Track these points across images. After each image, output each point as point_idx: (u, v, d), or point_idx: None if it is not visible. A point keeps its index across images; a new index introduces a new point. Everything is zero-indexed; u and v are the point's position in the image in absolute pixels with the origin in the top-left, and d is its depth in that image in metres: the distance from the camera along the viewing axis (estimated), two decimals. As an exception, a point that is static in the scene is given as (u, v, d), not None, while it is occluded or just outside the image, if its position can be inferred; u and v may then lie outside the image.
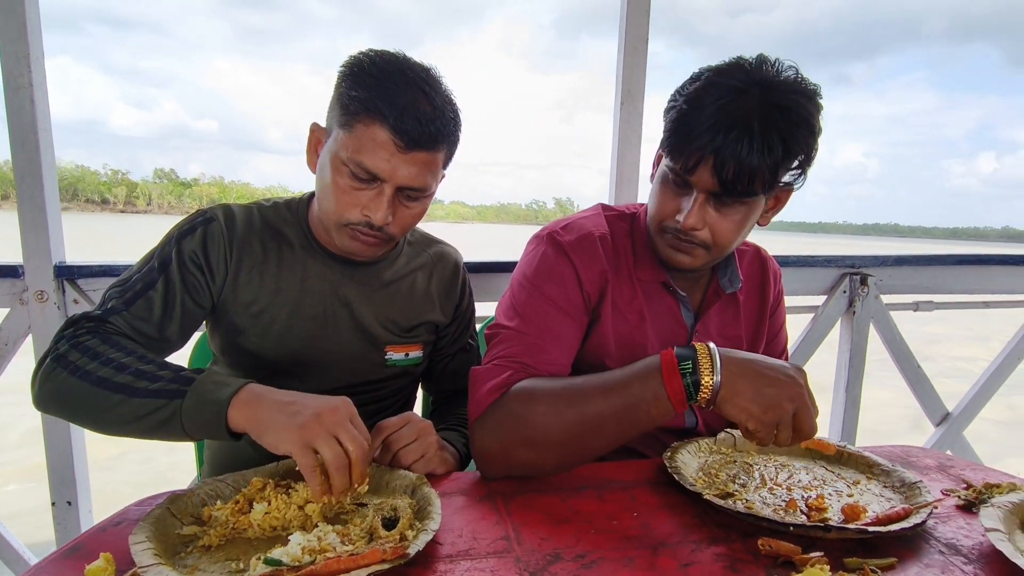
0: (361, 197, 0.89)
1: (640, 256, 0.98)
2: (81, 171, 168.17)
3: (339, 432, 0.69)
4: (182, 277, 0.91)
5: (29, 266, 1.41)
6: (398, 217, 0.92)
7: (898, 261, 1.81)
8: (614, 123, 1.59)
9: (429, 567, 0.61)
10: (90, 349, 0.78)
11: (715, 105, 0.80)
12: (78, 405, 0.76)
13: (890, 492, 0.81)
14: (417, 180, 0.89)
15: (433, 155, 0.89)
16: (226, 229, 0.95)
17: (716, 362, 0.74)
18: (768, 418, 0.73)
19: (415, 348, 1.08)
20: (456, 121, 0.92)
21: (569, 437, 0.79)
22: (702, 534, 0.70)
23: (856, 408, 1.85)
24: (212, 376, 0.74)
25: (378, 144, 0.85)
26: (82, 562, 0.57)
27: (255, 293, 0.96)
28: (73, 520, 1.52)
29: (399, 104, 0.84)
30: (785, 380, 0.74)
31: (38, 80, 1.34)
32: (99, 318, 0.84)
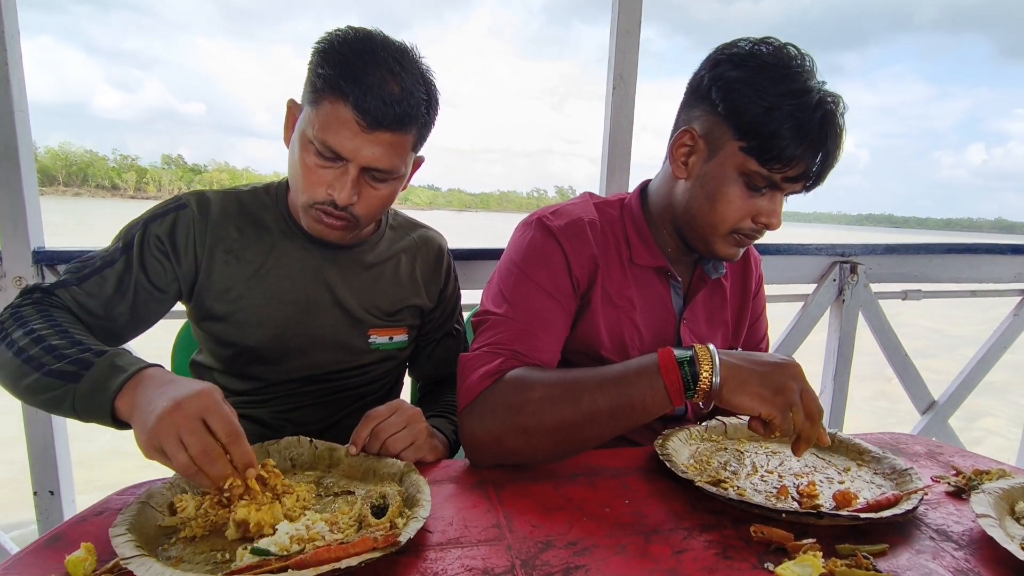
0: (326, 175, 0.88)
1: (635, 243, 0.98)
2: (91, 156, 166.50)
3: (182, 432, 0.62)
4: (142, 259, 0.90)
5: (7, 252, 1.37)
6: (364, 198, 0.90)
7: (888, 250, 1.82)
8: (606, 108, 1.57)
9: (419, 555, 0.60)
10: (22, 318, 0.78)
11: (813, 116, 0.81)
12: (3, 372, 0.76)
13: (881, 479, 0.81)
14: (382, 161, 0.87)
15: (400, 136, 0.87)
16: (198, 215, 0.94)
17: (715, 359, 0.75)
18: (780, 401, 0.73)
19: (399, 332, 1.07)
20: (430, 103, 0.90)
21: (563, 427, 0.78)
22: (694, 521, 0.69)
23: (844, 395, 1.87)
24: (112, 359, 0.71)
25: (341, 123, 0.84)
26: (63, 552, 0.56)
27: (232, 280, 0.95)
28: (56, 509, 1.49)
29: (364, 83, 0.82)
30: (783, 364, 0.76)
31: (13, 59, 1.29)
32: (47, 290, 0.85)
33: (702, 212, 0.90)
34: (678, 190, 0.93)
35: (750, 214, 0.88)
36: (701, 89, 0.89)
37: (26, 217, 1.37)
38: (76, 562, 0.54)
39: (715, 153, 0.88)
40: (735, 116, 0.84)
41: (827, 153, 0.84)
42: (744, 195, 0.87)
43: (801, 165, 0.84)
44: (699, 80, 0.90)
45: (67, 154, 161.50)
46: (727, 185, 0.87)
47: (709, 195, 0.89)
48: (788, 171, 0.84)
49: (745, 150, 0.85)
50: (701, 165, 0.90)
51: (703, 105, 0.89)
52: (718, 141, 0.87)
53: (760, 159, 0.84)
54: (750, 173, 0.86)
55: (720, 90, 0.85)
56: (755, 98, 0.82)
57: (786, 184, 0.86)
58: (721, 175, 0.88)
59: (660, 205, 0.98)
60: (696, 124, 0.90)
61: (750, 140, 0.84)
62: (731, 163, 0.86)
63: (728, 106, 0.85)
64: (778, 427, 0.74)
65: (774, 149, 0.82)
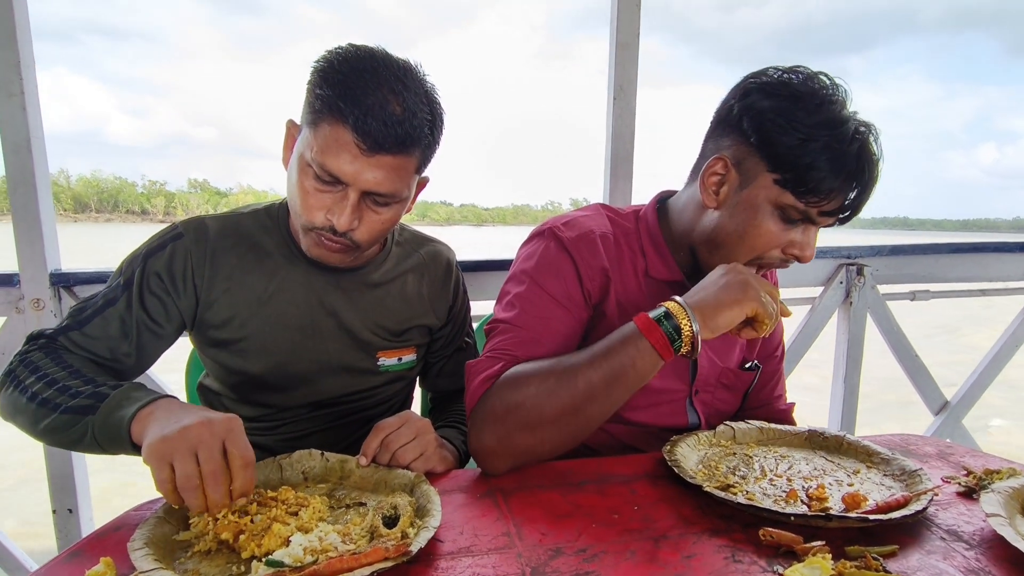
0: (325, 200, 0.85)
1: (651, 256, 0.97)
2: (120, 183, 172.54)
3: (199, 449, 0.63)
4: (141, 298, 0.89)
5: (25, 275, 1.41)
6: (365, 223, 0.87)
7: (894, 251, 1.81)
8: (607, 119, 1.59)
9: (431, 564, 0.61)
10: (32, 363, 0.80)
11: (850, 148, 0.81)
12: (20, 418, 0.78)
13: (890, 480, 0.81)
14: (383, 185, 0.84)
15: (402, 159, 0.84)
16: (195, 246, 0.92)
17: (686, 307, 0.79)
18: (752, 293, 0.79)
19: (408, 352, 1.06)
20: (434, 123, 0.87)
21: (564, 413, 0.80)
22: (703, 526, 0.70)
23: (855, 398, 1.86)
24: (128, 392, 0.73)
25: (341, 146, 0.81)
26: (82, 567, 0.57)
27: (234, 308, 0.93)
28: (74, 527, 1.51)
29: (365, 104, 0.79)
30: (727, 269, 0.82)
31: (29, 88, 1.33)
32: (51, 336, 0.86)
33: (729, 242, 0.90)
34: (706, 218, 0.92)
35: (780, 246, 0.88)
36: (731, 118, 0.87)
37: (43, 241, 1.40)
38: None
39: (747, 184, 0.87)
40: (768, 147, 0.83)
41: (864, 184, 0.83)
42: (777, 227, 0.87)
43: (839, 198, 0.83)
44: (728, 109, 0.88)
45: (98, 181, 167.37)
46: (760, 217, 0.86)
47: (739, 225, 0.88)
48: (825, 204, 0.83)
49: (780, 183, 0.83)
50: (733, 195, 0.88)
51: (733, 135, 0.88)
52: (751, 172, 0.86)
53: (796, 192, 0.83)
54: (785, 206, 0.85)
55: (752, 120, 0.84)
56: (789, 129, 0.81)
57: (822, 218, 0.86)
58: (754, 206, 0.86)
59: (681, 228, 0.97)
60: (727, 152, 0.88)
61: (785, 172, 0.83)
62: (764, 195, 0.85)
63: (761, 137, 0.83)
64: (764, 316, 0.79)
65: (811, 182, 0.81)
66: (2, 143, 1.35)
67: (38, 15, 1.34)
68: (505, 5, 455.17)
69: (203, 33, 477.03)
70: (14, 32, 1.30)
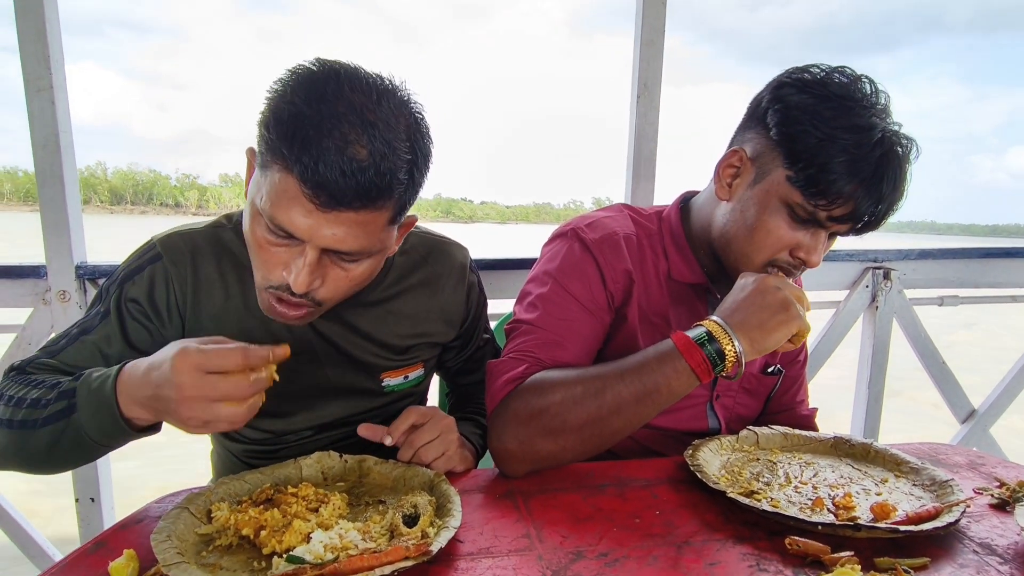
0: (280, 255, 0.72)
1: (673, 258, 0.96)
2: (155, 175, 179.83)
3: (208, 398, 0.61)
4: (122, 325, 0.81)
5: (52, 267, 1.43)
6: (331, 281, 0.74)
7: (922, 255, 1.77)
8: (630, 117, 1.57)
9: (451, 565, 0.60)
10: (2, 395, 0.73)
11: (870, 155, 0.78)
12: (8, 452, 0.71)
13: (920, 491, 0.79)
14: (347, 243, 0.70)
15: (369, 214, 0.69)
16: (175, 269, 0.83)
17: (726, 328, 0.77)
18: (793, 311, 0.78)
19: (414, 369, 0.98)
20: (415, 161, 0.71)
21: (588, 423, 0.79)
22: (727, 533, 0.68)
23: (879, 405, 1.82)
24: (90, 376, 0.67)
25: (291, 199, 0.66)
26: (106, 558, 0.58)
27: (221, 332, 0.77)
28: (96, 516, 1.53)
29: (316, 149, 0.64)
30: (761, 284, 0.80)
31: (58, 82, 1.35)
32: (20, 367, 0.78)
33: (738, 238, 0.88)
34: (719, 211, 0.91)
35: (788, 247, 0.86)
36: (759, 111, 0.86)
37: (70, 233, 1.42)
38: (119, 568, 0.56)
39: (761, 178, 0.85)
40: (787, 143, 0.81)
41: (881, 195, 0.79)
42: (785, 226, 0.84)
43: (849, 205, 0.80)
44: (758, 101, 0.87)
45: (134, 174, 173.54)
46: (768, 214, 0.85)
47: (748, 221, 0.86)
48: (833, 209, 0.81)
49: (792, 180, 0.82)
50: (745, 188, 0.87)
51: (757, 127, 0.86)
52: (767, 166, 0.84)
53: (805, 192, 0.81)
54: (793, 205, 0.83)
55: (776, 114, 0.82)
56: (811, 127, 0.79)
57: (830, 223, 0.83)
58: (763, 202, 0.85)
59: (700, 225, 0.95)
60: (747, 146, 0.87)
61: (798, 170, 0.81)
62: (775, 191, 0.83)
63: (782, 132, 0.82)
64: (806, 329, 0.79)
65: (821, 183, 0.79)
66: (31, 137, 1.37)
67: (67, 8, 1.35)
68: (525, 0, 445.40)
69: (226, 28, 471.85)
70: (44, 27, 1.31)
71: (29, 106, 1.35)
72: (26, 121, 1.37)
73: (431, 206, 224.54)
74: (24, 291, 1.44)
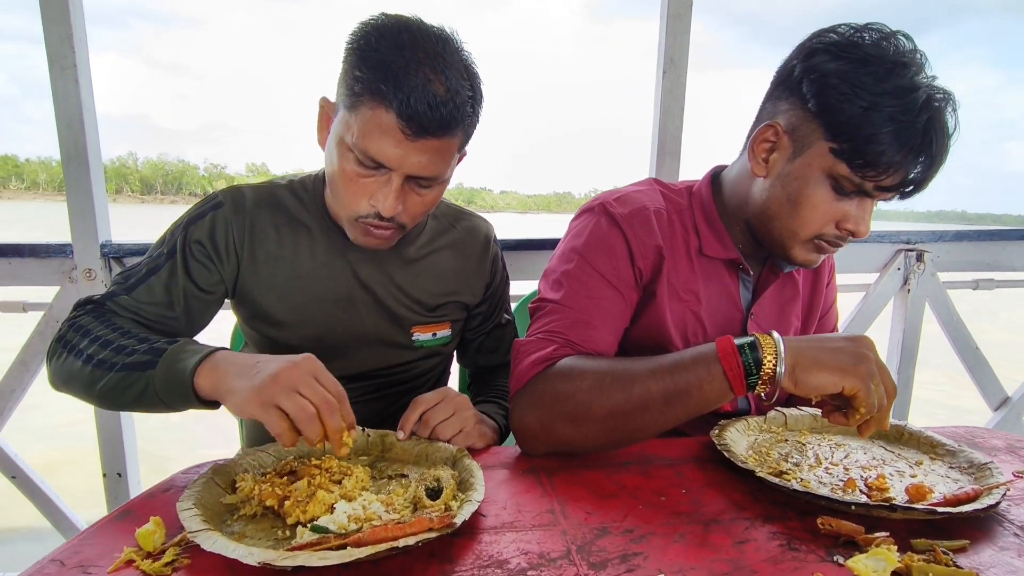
0: (368, 185, 0.83)
1: (704, 233, 0.93)
2: (183, 165, 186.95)
3: (299, 387, 0.65)
4: (185, 265, 0.88)
5: (77, 246, 1.45)
6: (409, 206, 0.86)
7: (957, 236, 1.72)
8: (656, 94, 1.53)
9: (474, 538, 0.60)
10: (83, 327, 0.79)
11: (917, 120, 0.74)
12: (74, 382, 0.77)
13: (956, 473, 0.77)
14: (428, 169, 0.82)
15: (446, 141, 0.81)
16: (235, 215, 0.91)
17: (779, 345, 0.70)
18: (863, 370, 0.68)
19: (443, 327, 1.04)
20: (475, 98, 0.83)
21: (612, 415, 0.76)
22: (756, 511, 0.67)
23: (909, 390, 1.78)
24: (184, 346, 0.73)
25: (384, 131, 0.78)
26: (133, 525, 0.58)
27: (272, 280, 0.94)
28: (123, 491, 1.57)
29: (406, 87, 0.75)
30: (854, 337, 0.72)
31: (82, 60, 1.36)
32: (98, 301, 0.85)
33: (782, 215, 0.84)
34: (755, 188, 0.88)
35: (834, 219, 0.82)
36: (791, 81, 0.82)
37: (94, 213, 1.44)
38: (146, 535, 0.56)
39: (801, 151, 0.81)
40: (828, 114, 0.77)
41: (930, 159, 0.76)
42: (830, 199, 0.81)
43: (899, 173, 0.77)
44: (789, 70, 0.82)
45: (164, 164, 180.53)
46: (812, 187, 0.81)
47: (791, 197, 0.83)
48: (883, 179, 0.77)
49: (836, 152, 0.78)
50: (783, 163, 0.83)
51: (792, 98, 0.82)
52: (806, 139, 0.81)
53: (852, 164, 0.77)
54: (839, 177, 0.79)
55: (813, 84, 0.78)
56: (852, 96, 0.75)
57: (878, 192, 0.80)
58: (806, 176, 0.81)
59: (735, 201, 0.92)
60: (781, 119, 0.83)
61: (843, 142, 0.77)
62: (818, 164, 0.80)
63: (821, 103, 0.78)
64: (863, 402, 0.68)
65: (870, 155, 0.75)
66: (56, 117, 1.39)
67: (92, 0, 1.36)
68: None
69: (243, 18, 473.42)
70: (67, 6, 1.32)
71: (53, 84, 1.36)
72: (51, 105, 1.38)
73: (453, 196, 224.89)
74: (51, 270, 1.47)
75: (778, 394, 0.71)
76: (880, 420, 0.71)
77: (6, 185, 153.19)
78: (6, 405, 1.51)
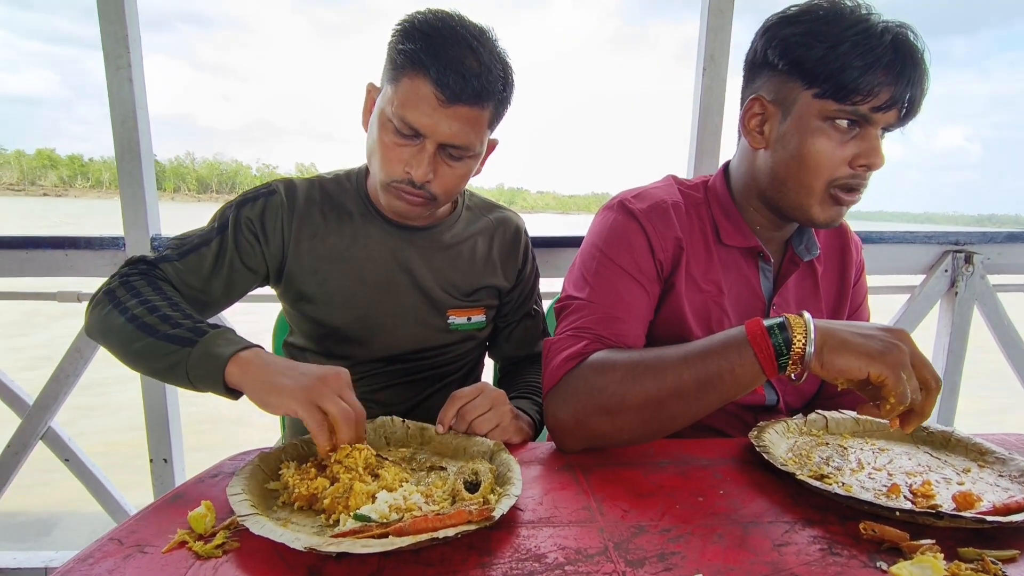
0: (403, 153, 0.89)
1: (722, 223, 0.94)
2: (237, 166, 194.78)
3: (343, 393, 0.71)
4: (235, 239, 0.95)
5: (129, 238, 1.50)
6: (440, 176, 0.92)
7: (1009, 238, 1.65)
8: (695, 91, 1.52)
9: (512, 531, 0.60)
10: (133, 287, 0.84)
11: (881, 40, 0.77)
12: (112, 335, 0.81)
13: (1007, 482, 0.74)
14: (459, 137, 0.88)
15: (477, 112, 0.88)
16: (287, 201, 0.98)
17: (809, 324, 0.70)
18: (891, 359, 0.66)
19: (477, 312, 1.09)
20: (506, 80, 0.91)
21: (646, 405, 0.76)
22: (796, 515, 0.66)
23: (955, 396, 1.72)
24: (225, 333, 0.77)
25: (421, 98, 0.85)
26: (184, 509, 0.61)
27: (317, 262, 0.99)
28: (168, 476, 1.63)
29: (444, 58, 0.84)
30: (888, 328, 0.72)
31: (136, 60, 1.41)
32: (152, 263, 0.91)
33: (792, 173, 0.85)
34: (760, 161, 0.90)
35: (844, 161, 0.83)
36: (757, 58, 0.87)
37: (146, 207, 1.49)
38: (198, 517, 0.58)
39: (789, 110, 0.84)
40: (799, 66, 0.81)
41: (909, 76, 0.78)
42: (833, 141, 0.82)
43: (885, 92, 0.78)
44: (753, 51, 0.88)
45: (219, 164, 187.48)
46: (812, 136, 0.83)
47: (795, 153, 0.84)
48: (872, 100, 0.79)
49: (820, 95, 0.81)
50: (777, 128, 0.86)
51: (763, 71, 0.87)
52: (788, 98, 0.84)
53: (837, 97, 0.79)
54: (833, 114, 0.81)
55: (777, 48, 0.83)
56: (815, 43, 0.79)
57: (876, 115, 0.80)
58: (802, 129, 0.83)
59: (743, 182, 0.94)
60: (762, 91, 0.87)
61: (821, 83, 0.80)
62: (809, 113, 0.82)
63: (789, 60, 0.82)
64: (891, 390, 0.66)
65: (849, 82, 0.78)
66: (111, 114, 1.44)
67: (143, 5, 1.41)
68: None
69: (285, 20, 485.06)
70: (123, 8, 1.37)
71: (109, 83, 1.41)
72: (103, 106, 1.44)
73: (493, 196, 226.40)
74: (104, 261, 1.53)
75: (806, 376, 0.70)
76: (922, 413, 0.69)
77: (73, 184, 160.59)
78: (61, 390, 1.58)
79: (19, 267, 1.52)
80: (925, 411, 0.69)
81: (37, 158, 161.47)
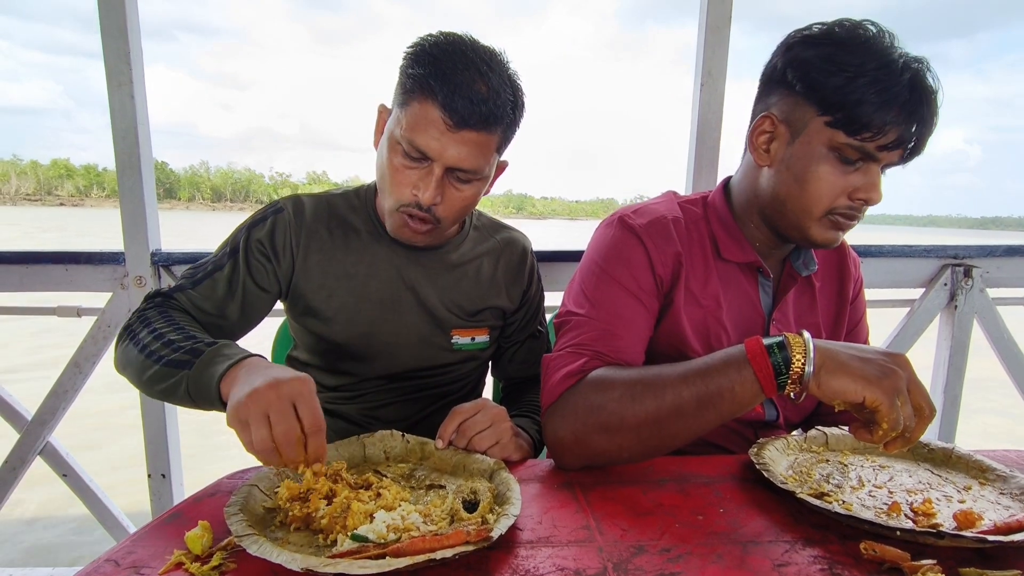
0: (411, 176, 0.90)
1: (721, 238, 0.94)
2: (250, 174, 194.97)
3: (271, 411, 0.64)
4: (247, 262, 0.96)
5: (129, 253, 1.51)
6: (447, 199, 0.92)
7: (1008, 251, 1.65)
8: (693, 106, 1.53)
9: (511, 551, 0.60)
10: (147, 319, 0.86)
11: (900, 79, 0.77)
12: (130, 368, 0.83)
13: (1008, 499, 0.74)
14: (466, 161, 0.88)
15: (485, 136, 0.88)
16: (294, 218, 0.99)
17: (809, 344, 0.70)
18: (887, 384, 0.67)
19: (481, 332, 1.09)
20: (516, 103, 0.91)
21: (645, 423, 0.76)
22: (796, 534, 0.65)
23: (956, 410, 1.72)
24: (220, 349, 0.76)
25: (429, 122, 0.86)
26: (182, 528, 0.60)
27: (323, 278, 1.00)
28: (167, 491, 1.62)
29: (452, 82, 0.84)
30: (888, 352, 0.72)
31: (137, 77, 1.42)
32: (167, 294, 0.92)
33: (792, 196, 0.86)
34: (763, 178, 0.90)
35: (845, 191, 0.83)
36: (775, 75, 0.86)
37: (146, 223, 1.49)
38: (194, 538, 0.58)
39: (798, 133, 0.84)
40: (816, 92, 0.81)
41: (921, 117, 0.79)
42: (836, 171, 0.83)
43: (894, 132, 0.79)
44: (772, 67, 0.87)
45: (232, 172, 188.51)
46: (816, 163, 0.83)
47: (798, 177, 0.85)
48: (881, 139, 0.79)
49: (832, 124, 0.81)
50: (784, 149, 0.86)
51: (779, 90, 0.86)
52: (800, 121, 0.84)
53: (848, 130, 0.80)
54: (840, 147, 0.81)
55: (797, 70, 0.82)
56: (836, 70, 0.79)
57: (881, 153, 0.81)
58: (808, 154, 0.83)
59: (744, 198, 0.95)
60: (774, 109, 0.87)
61: (835, 112, 0.80)
62: (818, 140, 0.82)
63: (807, 84, 0.82)
64: (884, 416, 0.67)
65: (863, 117, 0.78)
66: (112, 130, 1.45)
67: (143, 12, 1.42)
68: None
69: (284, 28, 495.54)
70: (125, 25, 1.38)
71: (111, 100, 1.42)
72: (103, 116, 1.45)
73: (502, 203, 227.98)
74: (104, 276, 1.53)
75: (805, 396, 0.71)
76: (908, 440, 0.70)
77: (88, 193, 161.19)
78: (59, 405, 1.58)
79: (19, 281, 1.52)
80: (913, 438, 0.70)
81: (53, 168, 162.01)
